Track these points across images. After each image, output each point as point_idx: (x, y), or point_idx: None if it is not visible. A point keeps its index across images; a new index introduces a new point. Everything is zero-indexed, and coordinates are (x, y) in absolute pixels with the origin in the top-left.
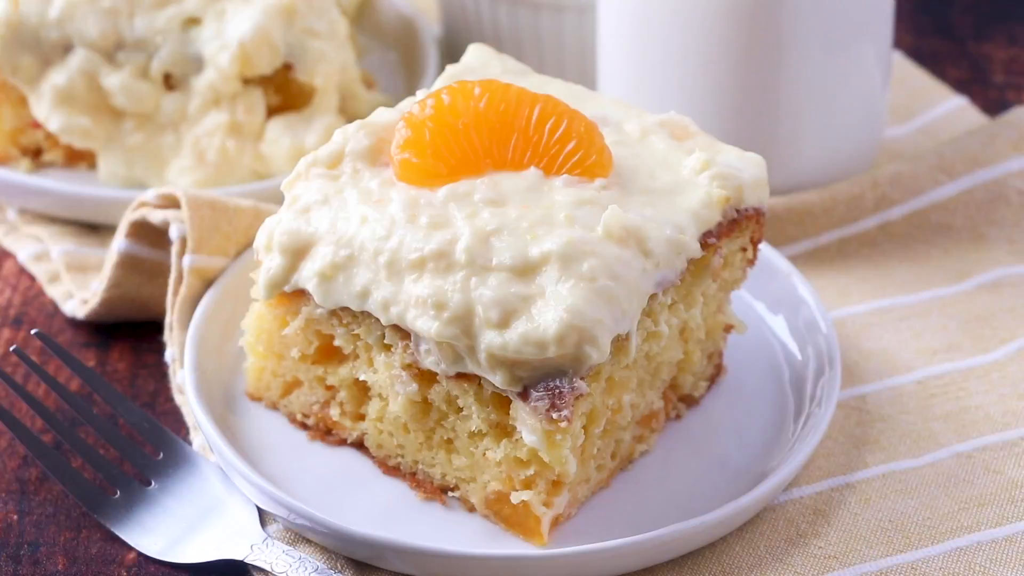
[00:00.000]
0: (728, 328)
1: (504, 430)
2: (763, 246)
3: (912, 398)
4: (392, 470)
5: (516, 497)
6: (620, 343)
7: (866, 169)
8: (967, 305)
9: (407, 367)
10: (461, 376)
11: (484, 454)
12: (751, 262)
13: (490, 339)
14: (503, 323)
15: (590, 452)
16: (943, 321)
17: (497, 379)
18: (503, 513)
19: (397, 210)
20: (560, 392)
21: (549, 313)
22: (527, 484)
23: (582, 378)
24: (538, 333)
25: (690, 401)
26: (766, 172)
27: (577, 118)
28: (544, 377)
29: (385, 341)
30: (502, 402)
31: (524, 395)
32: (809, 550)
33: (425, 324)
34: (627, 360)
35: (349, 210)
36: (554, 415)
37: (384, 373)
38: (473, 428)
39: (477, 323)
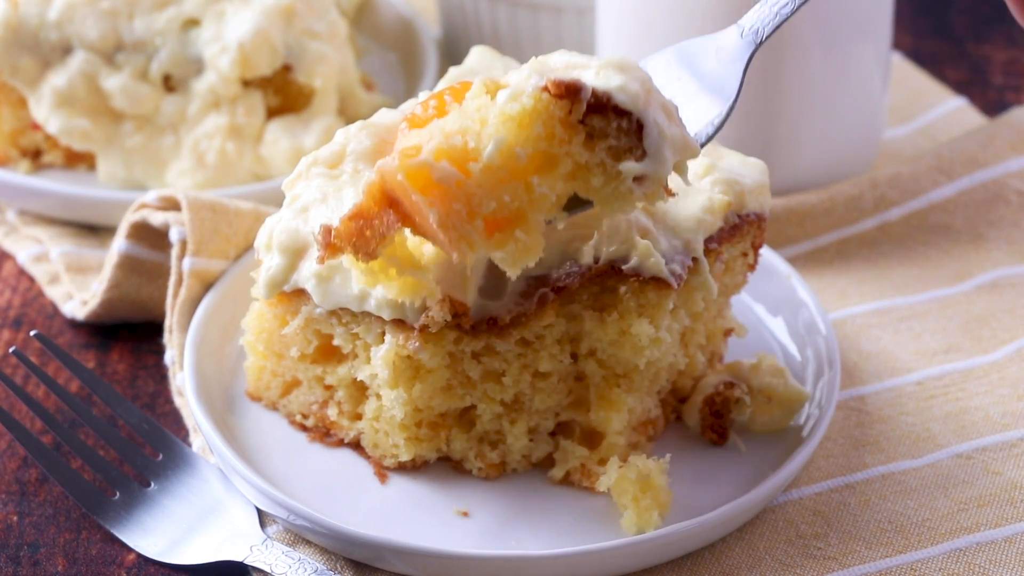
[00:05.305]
0: (728, 332)
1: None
2: (762, 248)
3: (911, 399)
4: (385, 472)
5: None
6: None
7: (865, 170)
8: (966, 306)
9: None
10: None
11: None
12: (752, 267)
13: None
14: None
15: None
16: (942, 322)
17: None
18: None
19: None
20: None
21: None
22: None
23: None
24: None
25: None
26: (768, 177)
27: None
28: None
29: (386, 337)
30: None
31: None
32: (808, 551)
33: None
34: None
35: (345, 209)
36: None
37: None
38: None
39: None
